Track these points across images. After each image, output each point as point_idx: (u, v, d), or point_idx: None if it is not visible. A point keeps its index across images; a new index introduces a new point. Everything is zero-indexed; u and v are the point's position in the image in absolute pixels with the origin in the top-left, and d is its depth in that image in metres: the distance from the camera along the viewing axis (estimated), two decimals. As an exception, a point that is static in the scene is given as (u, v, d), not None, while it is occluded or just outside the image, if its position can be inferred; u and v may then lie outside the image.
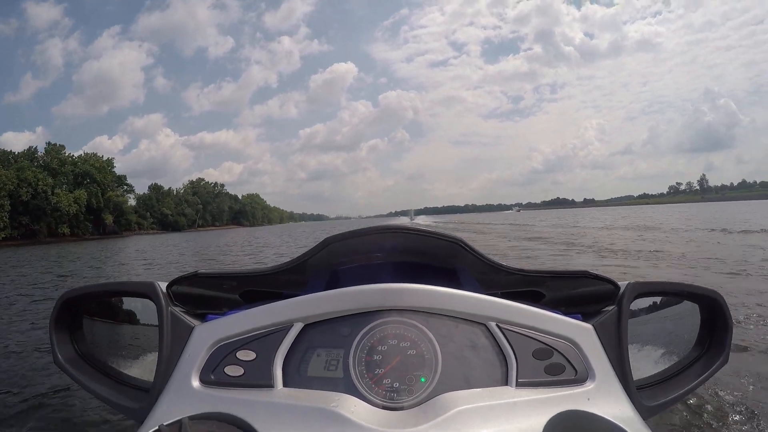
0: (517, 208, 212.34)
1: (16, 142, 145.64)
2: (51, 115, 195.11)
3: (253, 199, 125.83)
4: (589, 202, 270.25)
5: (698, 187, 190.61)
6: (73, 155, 64.68)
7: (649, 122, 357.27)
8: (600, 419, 0.48)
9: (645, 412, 0.55)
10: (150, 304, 0.59)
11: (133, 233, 68.47)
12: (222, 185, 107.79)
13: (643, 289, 0.60)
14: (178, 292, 0.61)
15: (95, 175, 62.72)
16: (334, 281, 0.71)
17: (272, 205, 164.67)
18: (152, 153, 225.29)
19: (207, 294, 0.67)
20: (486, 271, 0.65)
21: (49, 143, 63.88)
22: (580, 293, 0.66)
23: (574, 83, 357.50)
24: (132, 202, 77.36)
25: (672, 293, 0.64)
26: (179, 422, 0.41)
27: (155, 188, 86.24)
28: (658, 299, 0.64)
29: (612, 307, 0.59)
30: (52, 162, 60.36)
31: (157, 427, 0.41)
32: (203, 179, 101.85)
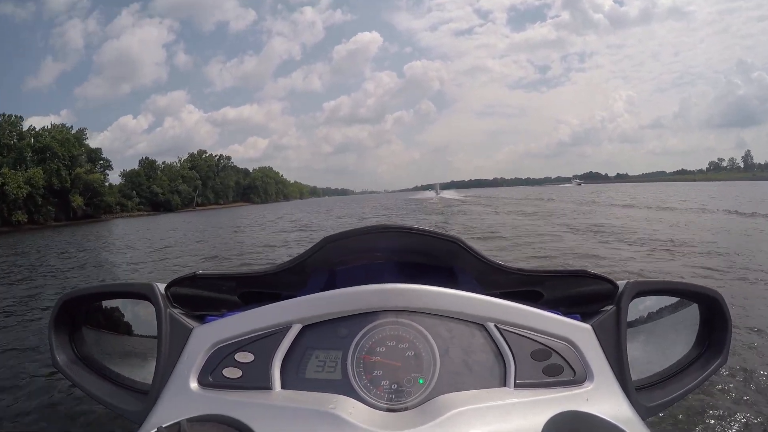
0: (578, 181, 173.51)
1: (42, 126, 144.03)
2: (74, 97, 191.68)
3: (265, 173, 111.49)
4: (622, 177, 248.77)
5: (742, 164, 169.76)
6: (34, 128, 53.65)
7: (680, 94, 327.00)
8: (599, 420, 0.48)
9: (644, 413, 0.55)
10: (149, 306, 0.59)
11: (114, 216, 57.62)
12: (228, 158, 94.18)
13: (642, 288, 0.59)
14: (176, 293, 0.61)
15: (56, 149, 51.26)
16: (332, 282, 0.70)
17: (292, 180, 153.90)
18: (176, 131, 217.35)
19: (206, 295, 0.66)
20: (485, 270, 0.64)
21: (3, 114, 52.76)
22: (579, 293, 0.65)
23: (603, 52, 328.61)
24: (118, 179, 66.82)
25: (671, 292, 0.63)
26: (178, 424, 0.41)
27: (147, 163, 75.02)
28: (657, 298, 0.63)
29: (611, 306, 0.58)
30: (3, 136, 49.31)
31: (155, 430, 0.41)
32: (206, 152, 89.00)
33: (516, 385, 0.52)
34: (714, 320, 0.62)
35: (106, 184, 59.86)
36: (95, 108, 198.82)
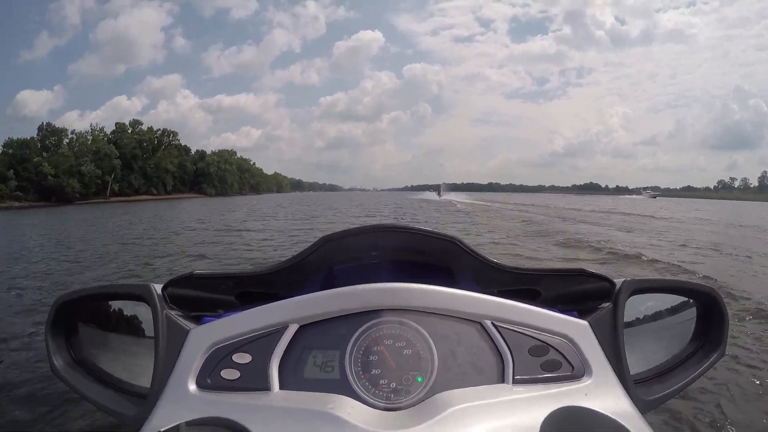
0: (651, 193, 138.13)
1: (34, 100, 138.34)
2: (68, 74, 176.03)
3: (224, 157, 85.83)
4: (622, 190, 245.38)
5: (756, 184, 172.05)
6: None
7: (675, 115, 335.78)
8: (598, 414, 0.48)
9: (642, 407, 0.55)
10: (147, 307, 0.59)
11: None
12: (173, 133, 71.90)
13: (639, 286, 0.60)
14: (173, 294, 0.61)
15: None
16: (330, 281, 0.70)
17: (272, 171, 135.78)
18: (170, 115, 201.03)
19: (203, 296, 0.66)
20: (482, 269, 0.64)
21: None
22: (576, 291, 0.66)
23: (601, 69, 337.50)
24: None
25: (668, 290, 0.64)
26: (176, 428, 0.41)
27: (48, 131, 55.51)
28: (655, 299, 0.63)
29: (608, 304, 0.59)
30: None
31: None
32: (141, 123, 67.87)
33: (514, 381, 0.52)
34: (711, 317, 0.62)
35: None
36: (90, 86, 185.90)
